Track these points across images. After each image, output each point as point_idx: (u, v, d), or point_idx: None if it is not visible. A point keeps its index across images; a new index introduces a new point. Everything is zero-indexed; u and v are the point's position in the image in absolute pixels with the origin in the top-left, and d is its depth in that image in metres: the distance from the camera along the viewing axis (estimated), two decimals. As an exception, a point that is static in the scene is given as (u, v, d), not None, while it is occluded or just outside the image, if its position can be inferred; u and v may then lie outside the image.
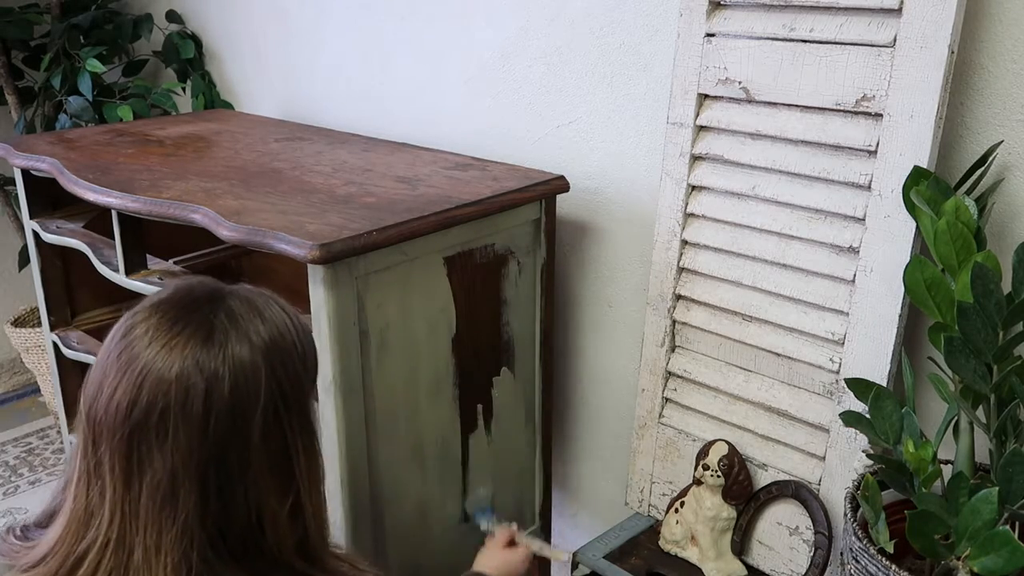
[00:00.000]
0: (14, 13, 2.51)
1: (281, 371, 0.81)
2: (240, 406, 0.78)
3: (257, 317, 0.82)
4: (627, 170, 1.63)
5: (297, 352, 0.84)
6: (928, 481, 1.06)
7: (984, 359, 1.03)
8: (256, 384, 0.79)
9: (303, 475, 0.83)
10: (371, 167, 1.65)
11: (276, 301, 0.86)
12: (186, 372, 0.76)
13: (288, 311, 0.86)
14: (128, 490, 0.77)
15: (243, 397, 0.78)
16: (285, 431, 0.82)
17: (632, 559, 1.47)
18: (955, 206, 1.06)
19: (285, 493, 0.82)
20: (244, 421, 0.78)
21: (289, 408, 0.82)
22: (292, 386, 0.82)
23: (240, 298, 0.83)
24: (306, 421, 0.85)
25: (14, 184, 2.01)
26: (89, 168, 1.64)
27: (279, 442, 0.81)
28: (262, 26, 2.32)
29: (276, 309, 0.84)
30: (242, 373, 0.78)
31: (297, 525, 0.83)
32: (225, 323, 0.80)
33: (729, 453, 1.39)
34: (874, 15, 1.19)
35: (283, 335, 0.83)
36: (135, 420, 0.76)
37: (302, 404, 0.84)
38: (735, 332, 1.41)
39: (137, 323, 0.80)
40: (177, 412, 0.76)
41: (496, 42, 1.78)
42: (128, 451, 0.77)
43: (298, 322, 0.86)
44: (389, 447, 1.40)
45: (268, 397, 0.79)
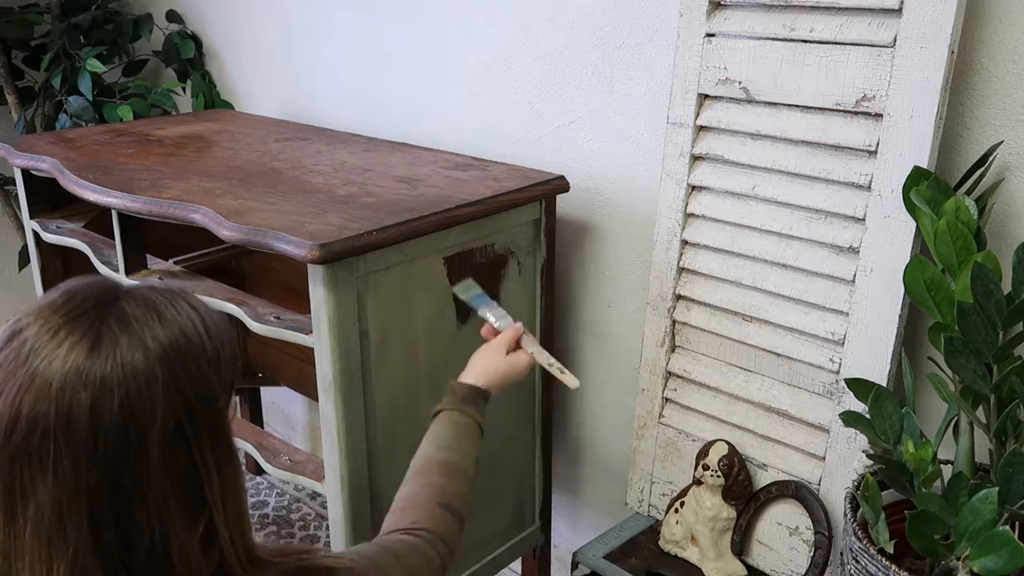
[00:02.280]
0: (14, 13, 2.51)
1: (184, 379, 0.71)
2: (133, 421, 0.68)
3: (155, 319, 0.72)
4: (627, 170, 1.63)
5: (207, 356, 0.74)
6: (928, 481, 1.06)
7: (984, 359, 1.03)
8: (152, 395, 0.69)
9: (216, 496, 0.73)
10: (371, 167, 1.65)
11: (186, 299, 0.76)
12: (68, 387, 0.67)
13: (200, 309, 0.76)
14: (11, 523, 0.68)
15: (136, 411, 0.69)
16: (191, 447, 0.72)
17: (632, 559, 1.47)
18: (955, 206, 1.06)
19: (195, 518, 0.72)
20: (139, 438, 0.69)
21: (196, 421, 0.72)
22: (199, 396, 0.72)
23: (136, 299, 0.73)
24: (219, 434, 0.75)
25: (14, 184, 2.01)
26: (89, 168, 1.64)
27: (185, 460, 0.72)
28: (262, 26, 2.32)
29: (183, 308, 0.75)
30: (135, 383, 0.69)
31: (212, 553, 0.74)
32: (115, 328, 0.70)
33: (729, 453, 1.39)
34: (874, 15, 1.19)
35: (188, 337, 0.73)
36: (15, 446, 0.67)
37: (213, 415, 0.74)
38: (735, 332, 1.41)
39: (15, 334, 0.70)
40: (59, 433, 0.67)
41: (496, 42, 1.78)
42: (9, 481, 0.68)
43: (211, 321, 0.76)
44: (389, 447, 1.40)
45: (168, 410, 0.70)
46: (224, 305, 1.46)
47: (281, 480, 2.55)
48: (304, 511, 2.49)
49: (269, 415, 2.71)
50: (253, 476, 2.61)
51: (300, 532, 2.40)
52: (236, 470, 0.77)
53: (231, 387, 0.78)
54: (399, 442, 1.41)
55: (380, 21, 2.00)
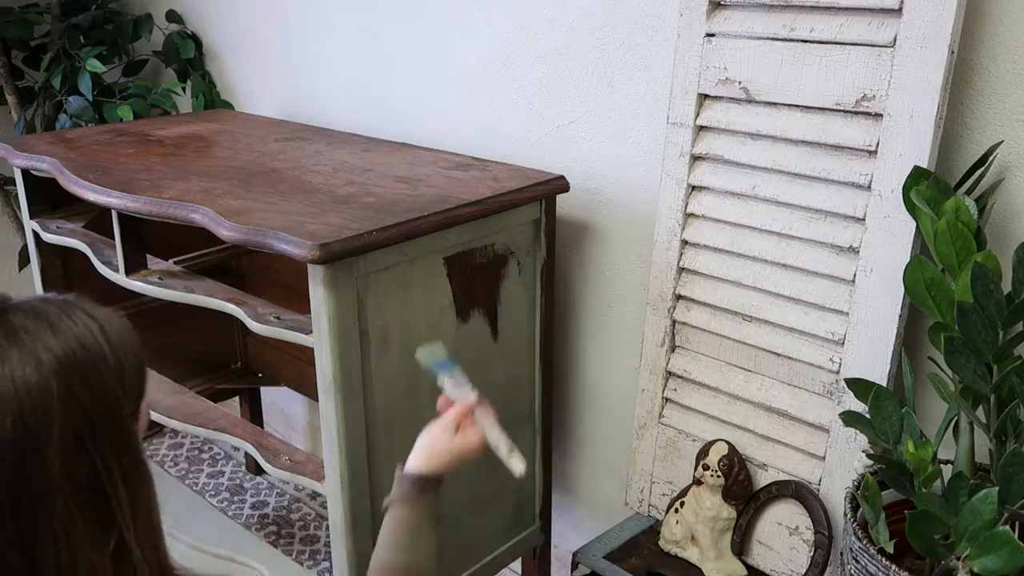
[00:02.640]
0: (14, 13, 2.51)
1: (83, 390, 0.68)
2: (28, 438, 0.65)
3: (47, 330, 0.69)
4: (627, 170, 1.63)
5: (107, 366, 0.71)
6: (928, 481, 1.06)
7: (984, 359, 1.03)
8: (47, 409, 0.66)
9: (125, 510, 0.70)
10: (371, 167, 1.65)
11: (83, 308, 0.73)
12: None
13: (97, 317, 0.73)
14: None
15: (31, 426, 0.66)
16: (95, 461, 0.69)
17: (632, 559, 1.47)
18: (955, 206, 1.06)
19: (104, 535, 0.70)
20: (37, 455, 0.66)
21: (98, 434, 0.69)
22: (101, 407, 0.70)
23: (26, 310, 0.70)
24: (125, 446, 0.72)
25: (14, 184, 2.01)
26: (89, 168, 1.64)
27: (88, 475, 0.69)
28: (262, 26, 2.32)
29: (79, 317, 0.71)
30: (28, 398, 0.66)
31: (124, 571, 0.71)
32: (3, 342, 0.67)
33: (729, 453, 1.39)
34: (874, 15, 1.19)
35: (85, 348, 0.70)
36: None
37: (118, 427, 0.71)
38: (735, 332, 1.41)
39: None
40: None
41: (496, 42, 1.78)
42: None
43: (112, 328, 0.73)
44: (389, 447, 1.40)
45: (66, 423, 0.67)
46: (224, 305, 1.46)
47: (281, 480, 2.55)
48: (304, 511, 2.49)
49: (269, 415, 2.71)
50: (253, 476, 2.62)
51: (300, 532, 2.40)
52: (145, 482, 0.74)
53: (138, 396, 0.75)
54: (399, 442, 1.41)
55: (380, 21, 2.00)
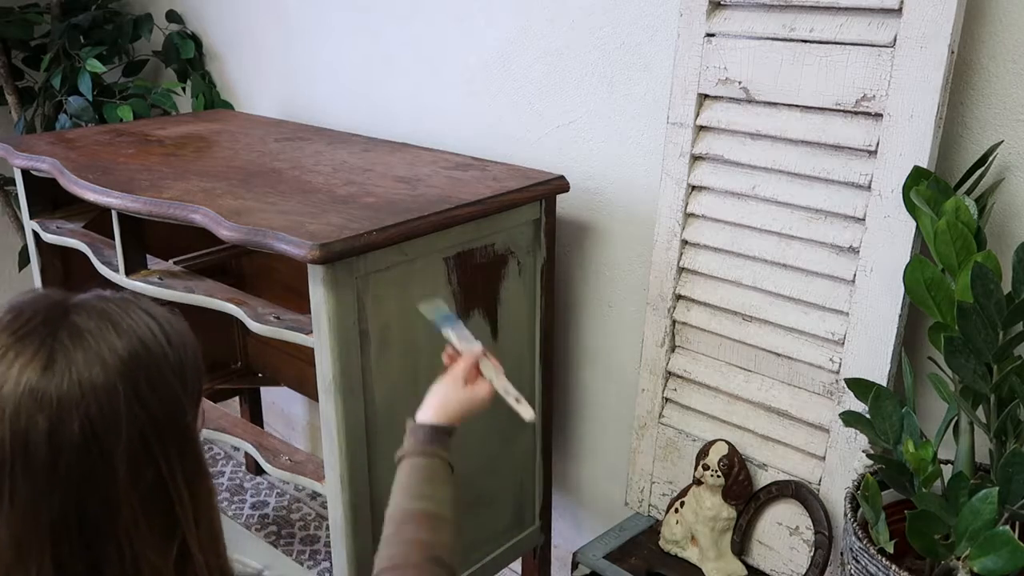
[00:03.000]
0: (14, 13, 2.51)
1: (148, 392, 0.67)
2: (96, 442, 0.64)
3: (111, 329, 0.67)
4: (627, 170, 1.63)
5: (170, 364, 0.69)
6: (928, 481, 1.06)
7: (984, 359, 1.03)
8: (115, 412, 0.64)
9: (188, 515, 0.69)
10: (371, 167, 1.65)
11: (139, 305, 0.71)
12: (22, 411, 0.62)
13: (157, 316, 0.71)
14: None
15: (99, 430, 0.64)
16: (160, 465, 0.67)
17: (632, 559, 1.47)
18: (955, 206, 1.06)
19: (168, 541, 0.68)
20: (104, 459, 0.64)
21: (163, 435, 0.67)
22: (165, 407, 0.68)
23: (88, 309, 0.68)
24: (188, 447, 0.70)
25: (14, 184, 2.01)
26: (89, 168, 1.64)
27: (153, 479, 0.67)
28: (262, 26, 2.32)
29: (138, 315, 0.70)
30: (95, 401, 0.64)
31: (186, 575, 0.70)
32: (68, 343, 0.65)
33: (729, 453, 1.39)
34: (874, 15, 1.19)
35: (147, 347, 0.68)
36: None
37: (181, 428, 0.70)
38: (735, 332, 1.41)
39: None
40: (16, 463, 0.62)
41: (496, 42, 1.78)
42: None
43: (171, 328, 0.71)
44: (389, 447, 1.39)
45: (132, 426, 0.65)
46: (224, 305, 1.46)
47: (281, 480, 2.55)
48: (304, 511, 2.49)
49: (269, 415, 2.71)
50: (253, 476, 2.62)
51: (300, 532, 2.40)
52: (208, 487, 0.73)
53: (198, 397, 0.73)
54: (399, 442, 1.41)
55: (380, 21, 2.00)
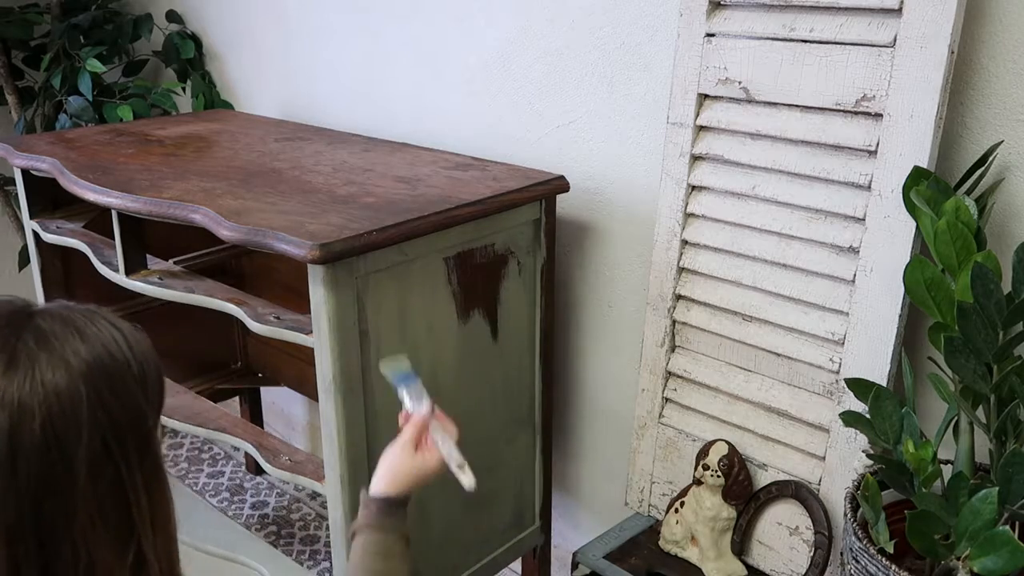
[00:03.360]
0: (14, 13, 2.51)
1: (110, 397, 0.67)
2: (57, 443, 0.64)
3: (76, 335, 0.68)
4: (627, 170, 1.63)
5: (132, 373, 0.70)
6: (928, 481, 1.06)
7: (984, 359, 1.03)
8: (77, 414, 0.65)
9: (146, 520, 0.69)
10: (371, 167, 1.65)
11: (104, 316, 0.72)
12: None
13: (120, 327, 0.72)
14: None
15: (60, 432, 0.64)
16: (120, 468, 0.68)
17: (632, 559, 1.47)
18: (955, 206, 1.06)
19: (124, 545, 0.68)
20: (64, 461, 0.64)
21: (123, 441, 0.68)
22: (127, 413, 0.69)
23: (52, 315, 0.69)
24: (148, 455, 0.71)
25: (14, 184, 2.01)
26: (89, 168, 1.64)
27: (112, 483, 0.68)
28: (262, 26, 2.33)
29: (103, 324, 0.70)
30: (57, 403, 0.64)
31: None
32: (32, 346, 0.66)
33: (729, 453, 1.39)
34: (874, 15, 1.19)
35: (111, 354, 0.69)
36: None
37: (142, 434, 0.70)
38: (735, 332, 1.41)
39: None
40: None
41: (496, 42, 1.78)
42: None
43: (134, 339, 0.72)
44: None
45: (94, 429, 0.66)
46: (224, 305, 1.46)
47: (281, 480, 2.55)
48: (304, 511, 2.49)
49: (269, 415, 2.71)
50: (253, 476, 2.62)
51: (300, 532, 2.40)
52: (165, 495, 0.73)
53: (159, 407, 0.74)
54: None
55: (380, 22, 2.00)
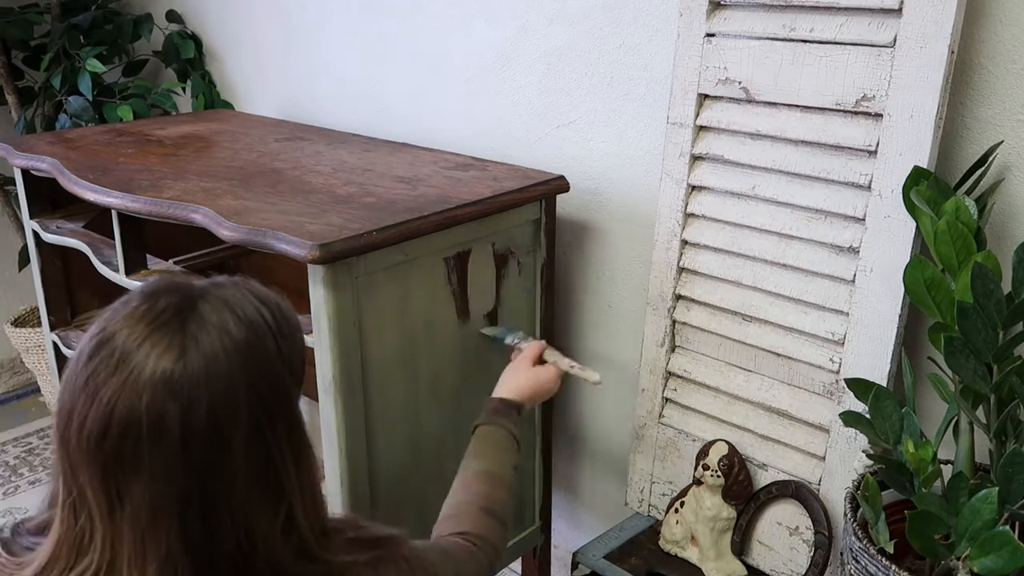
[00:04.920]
0: (14, 13, 2.51)
1: (261, 381, 0.75)
2: (220, 427, 0.72)
3: (231, 320, 0.75)
4: (627, 170, 1.63)
5: (279, 353, 0.77)
6: (928, 481, 1.06)
7: (984, 359, 1.03)
8: (235, 400, 0.73)
9: (294, 487, 0.77)
10: (371, 167, 1.65)
11: (253, 292, 0.78)
12: (158, 398, 0.70)
13: (268, 303, 0.78)
14: (111, 520, 0.72)
15: (222, 417, 0.72)
16: (270, 446, 0.75)
17: (632, 559, 1.47)
18: (955, 206, 1.06)
19: (276, 510, 0.76)
20: (224, 443, 0.72)
21: (273, 420, 0.75)
22: (275, 394, 0.76)
23: (212, 300, 0.76)
24: (294, 428, 0.78)
25: (14, 184, 2.01)
26: (89, 168, 1.64)
27: (265, 458, 0.75)
28: (262, 26, 2.33)
29: (252, 304, 0.77)
30: (219, 390, 0.72)
31: (291, 538, 0.78)
32: (196, 333, 0.73)
33: (729, 453, 1.39)
34: (874, 15, 1.19)
35: (260, 337, 0.76)
36: (108, 452, 0.71)
37: (288, 411, 0.78)
38: (735, 332, 1.41)
39: (105, 342, 0.73)
40: (151, 441, 0.70)
41: (496, 42, 1.78)
42: (104, 483, 0.72)
43: (280, 314, 0.79)
44: (389, 447, 1.40)
45: (249, 412, 0.73)
46: (224, 305, 1.46)
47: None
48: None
49: (269, 415, 2.70)
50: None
51: (300, 532, 2.40)
52: (310, 457, 0.80)
53: (301, 378, 0.81)
54: (399, 442, 1.41)
55: (380, 21, 2.00)
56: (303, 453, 0.79)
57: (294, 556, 0.78)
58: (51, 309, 1.96)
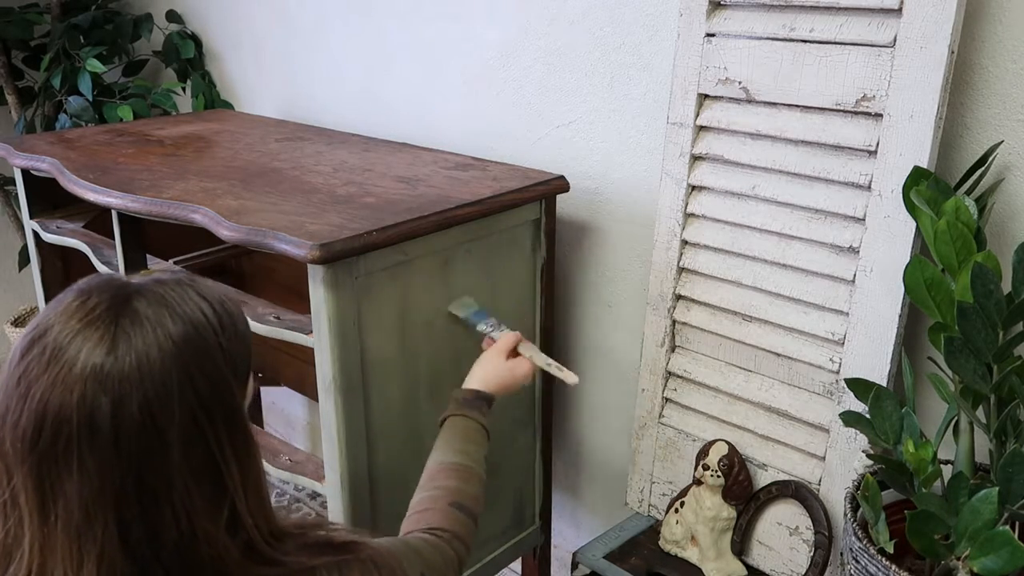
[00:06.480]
0: (14, 13, 2.51)
1: (199, 376, 0.73)
2: (153, 422, 0.70)
3: (167, 315, 0.73)
4: (627, 170, 1.63)
5: (221, 350, 0.75)
6: (928, 481, 1.06)
7: (984, 359, 1.03)
8: (169, 394, 0.71)
9: (237, 485, 0.76)
10: (371, 167, 1.65)
11: (196, 289, 0.77)
12: (89, 391, 0.69)
13: (212, 300, 0.77)
14: (44, 521, 0.71)
15: (155, 411, 0.70)
16: (209, 442, 0.74)
17: (632, 559, 1.47)
18: (955, 206, 1.06)
19: (218, 508, 0.75)
20: (160, 437, 0.71)
21: (212, 416, 0.74)
22: (214, 391, 0.74)
23: (147, 296, 0.74)
24: (235, 426, 0.77)
25: (14, 184, 2.01)
26: (89, 168, 1.64)
27: (204, 454, 0.74)
28: (262, 26, 2.33)
29: (193, 301, 0.76)
30: (152, 385, 0.70)
31: (238, 536, 0.76)
32: (129, 329, 0.71)
33: (729, 453, 1.39)
34: (874, 15, 1.19)
35: (200, 333, 0.74)
36: (41, 450, 0.70)
37: (228, 408, 0.76)
38: (735, 332, 1.41)
39: (36, 340, 0.72)
40: (83, 437, 0.69)
41: (496, 42, 1.78)
42: (38, 482, 0.70)
43: (224, 311, 0.77)
44: (389, 447, 1.40)
45: (185, 408, 0.72)
46: (224, 305, 1.46)
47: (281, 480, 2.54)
48: (304, 511, 2.48)
49: (269, 415, 2.71)
50: (253, 476, 2.61)
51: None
52: (254, 458, 0.79)
53: (246, 377, 0.80)
54: (399, 442, 1.41)
55: (380, 21, 2.00)
56: (247, 452, 0.78)
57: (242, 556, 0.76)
58: (51, 309, 1.96)
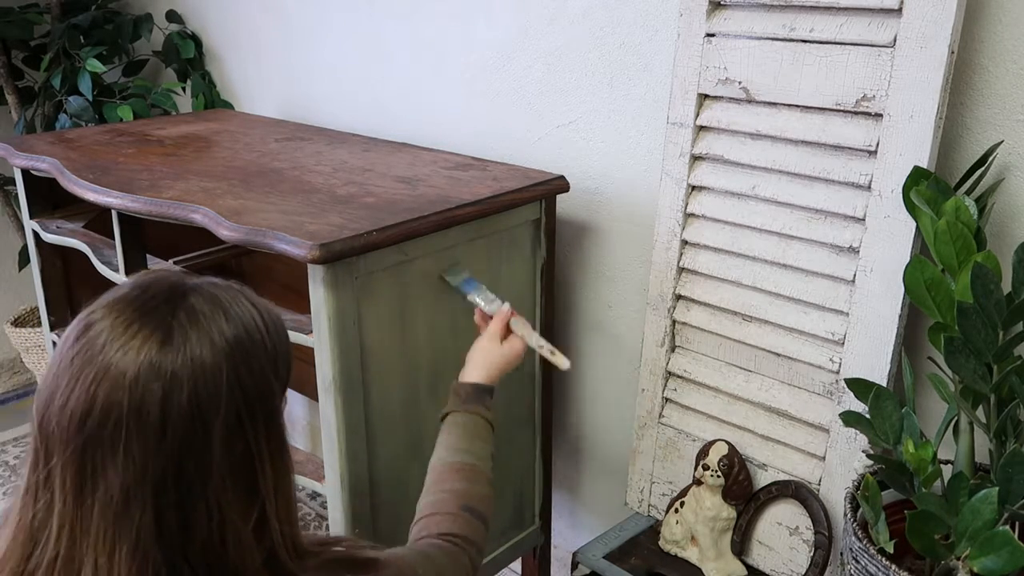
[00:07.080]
0: (14, 13, 2.51)
1: (246, 375, 0.75)
2: (200, 413, 0.72)
3: (221, 315, 0.76)
4: (627, 170, 1.63)
5: (266, 353, 0.78)
6: (928, 481, 1.06)
7: (984, 359, 1.03)
8: (217, 389, 0.73)
9: (268, 488, 0.77)
10: (371, 167, 1.65)
11: (245, 295, 0.80)
12: (142, 378, 0.71)
13: (259, 306, 0.80)
14: (79, 505, 0.72)
15: (203, 403, 0.72)
16: (249, 440, 0.76)
17: (632, 559, 1.47)
18: (955, 206, 1.06)
19: (249, 508, 0.76)
20: (204, 429, 0.73)
21: (254, 415, 0.76)
22: (258, 390, 0.76)
23: (203, 294, 0.77)
24: (274, 429, 0.79)
25: (14, 184, 2.01)
26: (89, 168, 1.64)
27: (242, 452, 0.75)
28: (262, 26, 2.33)
29: (244, 305, 0.78)
30: (202, 377, 0.72)
31: (263, 541, 0.77)
32: (185, 323, 0.74)
33: (729, 453, 1.39)
34: (874, 15, 1.19)
35: (249, 334, 0.77)
36: (89, 431, 0.71)
37: (269, 410, 0.78)
38: (735, 332, 1.41)
39: (92, 324, 0.74)
40: (132, 421, 0.71)
41: (496, 42, 1.78)
42: (81, 464, 0.72)
43: (270, 318, 0.80)
44: (389, 447, 1.40)
45: (230, 403, 0.74)
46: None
47: (281, 480, 2.54)
48: (304, 511, 2.49)
49: (269, 415, 2.70)
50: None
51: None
52: (287, 464, 0.81)
53: (285, 383, 0.82)
54: (399, 442, 1.41)
55: (380, 21, 2.00)
56: (280, 457, 0.80)
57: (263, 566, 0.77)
58: (51, 309, 1.96)
